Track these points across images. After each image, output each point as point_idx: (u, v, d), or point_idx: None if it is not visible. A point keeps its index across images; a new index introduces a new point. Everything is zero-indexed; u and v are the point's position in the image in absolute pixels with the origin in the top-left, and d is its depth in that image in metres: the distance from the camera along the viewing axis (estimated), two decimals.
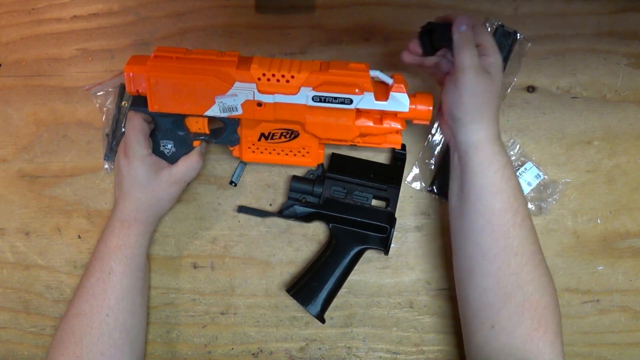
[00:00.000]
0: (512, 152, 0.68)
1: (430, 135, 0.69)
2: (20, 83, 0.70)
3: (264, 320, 0.68)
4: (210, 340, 0.69)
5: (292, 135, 0.60)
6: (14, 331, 0.69)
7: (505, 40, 0.67)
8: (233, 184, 0.68)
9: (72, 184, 0.69)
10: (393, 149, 0.67)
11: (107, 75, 0.69)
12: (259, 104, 0.57)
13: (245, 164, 0.68)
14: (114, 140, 0.67)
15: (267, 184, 0.69)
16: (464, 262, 0.58)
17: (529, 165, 0.67)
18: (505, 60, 0.67)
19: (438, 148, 0.68)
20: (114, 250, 0.60)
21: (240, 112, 0.57)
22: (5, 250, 0.69)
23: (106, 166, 0.68)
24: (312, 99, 0.56)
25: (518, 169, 0.67)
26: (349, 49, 0.68)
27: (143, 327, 0.63)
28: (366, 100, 0.56)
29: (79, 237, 0.69)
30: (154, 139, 0.61)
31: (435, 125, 0.69)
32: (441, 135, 0.68)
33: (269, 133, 0.60)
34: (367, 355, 0.68)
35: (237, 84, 0.55)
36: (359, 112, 0.58)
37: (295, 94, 0.56)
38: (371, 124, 0.59)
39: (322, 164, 0.67)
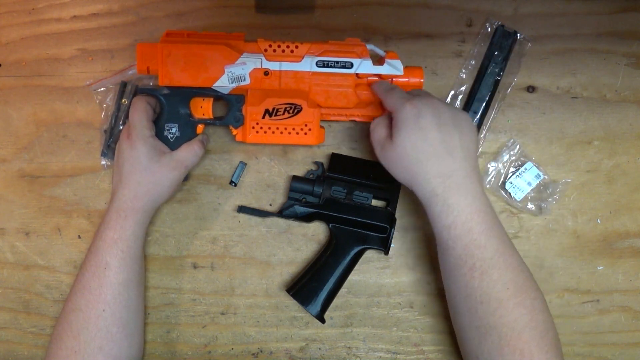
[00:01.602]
0: (512, 152, 0.68)
1: None
2: (20, 83, 0.70)
3: (264, 320, 0.68)
4: (210, 340, 0.69)
5: (296, 110, 0.63)
6: (14, 331, 0.69)
7: (505, 40, 0.67)
8: (233, 184, 0.68)
9: (72, 184, 0.69)
10: None
11: (107, 76, 0.70)
12: (266, 73, 0.61)
13: (245, 164, 0.68)
14: (112, 137, 0.67)
15: (267, 184, 0.69)
16: (447, 295, 0.59)
17: (529, 165, 0.67)
18: (505, 60, 0.67)
19: None
20: (110, 244, 0.59)
21: (248, 81, 0.61)
22: (5, 250, 0.69)
23: (103, 162, 0.68)
24: (316, 64, 0.61)
25: (518, 169, 0.67)
26: None
27: (141, 321, 0.63)
28: (365, 65, 0.61)
29: (79, 237, 0.69)
30: (158, 123, 0.63)
31: None
32: None
33: (273, 109, 0.63)
34: (367, 355, 0.68)
35: (245, 54, 0.60)
36: (359, 83, 0.62)
37: (300, 61, 0.61)
38: (370, 92, 0.62)
39: (322, 164, 0.67)
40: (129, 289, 0.60)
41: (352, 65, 0.61)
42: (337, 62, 0.61)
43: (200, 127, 0.64)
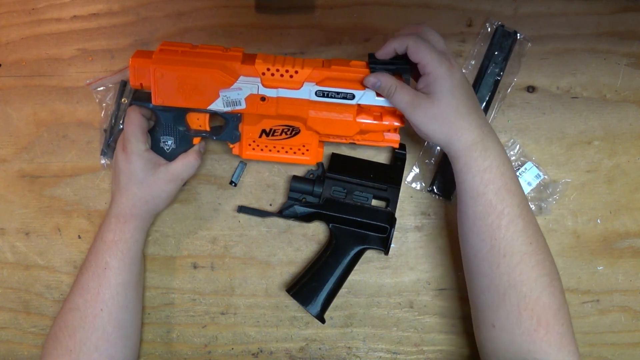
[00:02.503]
0: (512, 152, 0.68)
1: None
2: (20, 83, 0.70)
3: (264, 320, 0.68)
4: (210, 340, 0.69)
5: (293, 132, 0.61)
6: (14, 331, 0.69)
7: (505, 40, 0.67)
8: (233, 184, 0.68)
9: (72, 184, 0.69)
10: (393, 149, 0.67)
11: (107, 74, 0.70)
12: (263, 99, 0.57)
13: (245, 164, 0.68)
14: (112, 137, 0.67)
15: (267, 184, 0.69)
16: (464, 262, 0.59)
17: (529, 165, 0.67)
18: (505, 60, 0.67)
19: (438, 148, 0.68)
20: (110, 245, 0.60)
21: (243, 106, 0.58)
22: (5, 250, 0.69)
23: (103, 161, 0.68)
24: (315, 93, 0.57)
25: (518, 169, 0.67)
26: (349, 49, 0.68)
27: (138, 322, 0.64)
28: (368, 96, 0.57)
29: (79, 237, 0.69)
30: (154, 134, 0.62)
31: None
32: None
33: (270, 129, 0.61)
34: (367, 355, 0.68)
35: (241, 77, 0.57)
36: (360, 109, 0.59)
37: (299, 89, 0.57)
38: (371, 120, 0.59)
39: (322, 164, 0.67)
40: (127, 290, 0.60)
41: (353, 96, 0.57)
42: (338, 93, 0.57)
43: (196, 139, 0.63)
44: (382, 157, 0.69)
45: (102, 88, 0.69)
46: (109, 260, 0.59)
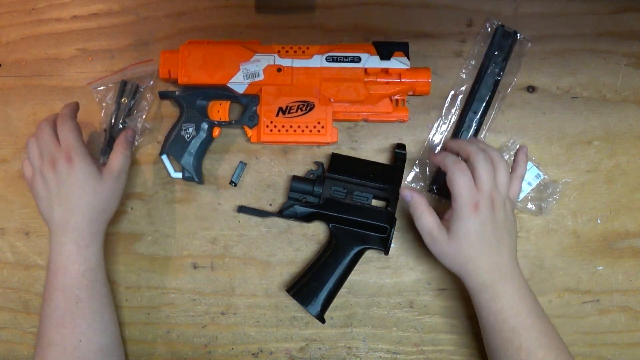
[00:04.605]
0: (512, 152, 0.68)
1: (430, 135, 0.69)
2: (20, 83, 0.70)
3: (264, 320, 0.68)
4: (210, 340, 0.69)
5: (308, 108, 0.65)
6: (14, 331, 0.69)
7: (505, 40, 0.67)
8: (233, 184, 0.68)
9: None
10: (393, 149, 0.67)
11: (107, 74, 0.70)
12: (279, 69, 0.64)
13: (246, 164, 0.68)
14: (111, 136, 0.67)
15: (267, 184, 0.69)
16: None
17: (529, 165, 0.67)
18: (505, 60, 0.67)
19: (438, 148, 0.68)
20: (77, 278, 0.58)
21: (262, 77, 0.64)
22: (5, 250, 0.69)
23: (101, 161, 0.68)
24: (326, 59, 0.64)
25: None
26: None
27: (117, 339, 0.63)
28: (372, 60, 0.65)
29: None
30: (177, 124, 0.65)
31: (436, 125, 0.69)
32: (441, 135, 0.68)
33: (287, 107, 0.65)
34: (367, 355, 0.68)
35: (259, 53, 0.65)
36: (369, 80, 0.64)
37: (310, 58, 0.65)
38: (377, 79, 0.65)
39: (322, 164, 0.67)
40: (103, 315, 0.60)
41: (359, 59, 0.64)
42: (346, 57, 0.64)
43: (216, 130, 0.66)
44: (382, 157, 0.69)
45: (102, 88, 0.69)
46: (79, 294, 0.58)
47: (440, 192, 0.67)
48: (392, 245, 0.65)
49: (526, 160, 0.62)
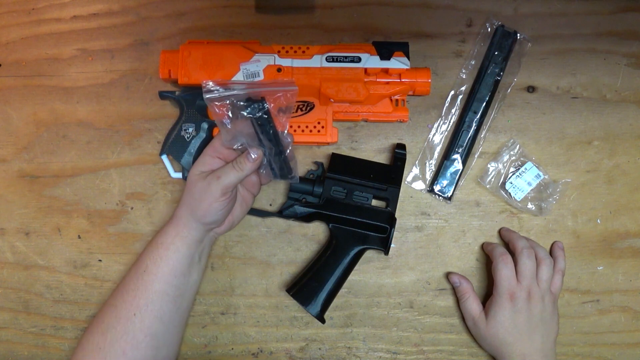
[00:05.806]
0: (512, 152, 0.68)
1: (430, 135, 0.69)
2: (20, 83, 0.70)
3: (264, 320, 0.68)
4: (210, 340, 0.69)
5: (308, 108, 0.65)
6: (14, 331, 0.69)
7: (505, 40, 0.67)
8: None
9: (72, 184, 0.69)
10: (393, 149, 0.67)
11: (107, 75, 0.70)
12: (279, 69, 0.64)
13: None
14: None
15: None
16: None
17: (529, 165, 0.67)
18: (505, 60, 0.67)
19: (438, 148, 0.68)
20: (153, 247, 0.59)
21: (261, 77, 0.64)
22: (5, 250, 0.69)
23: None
24: (326, 59, 0.64)
25: (518, 169, 0.67)
26: None
27: (174, 335, 0.61)
28: (372, 60, 0.64)
29: (79, 237, 0.69)
30: (177, 125, 0.66)
31: (436, 125, 0.69)
32: (441, 135, 0.68)
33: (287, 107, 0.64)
34: (367, 355, 0.68)
35: (259, 53, 0.64)
36: (369, 80, 0.64)
37: (310, 58, 0.64)
38: (377, 79, 0.64)
39: (322, 164, 0.67)
40: (163, 301, 0.58)
41: (359, 59, 0.64)
42: (346, 57, 0.64)
43: (216, 130, 0.65)
44: (382, 157, 0.69)
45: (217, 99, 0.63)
46: (149, 264, 0.58)
47: (440, 192, 0.67)
48: (392, 245, 0.65)
49: (564, 255, 0.66)
